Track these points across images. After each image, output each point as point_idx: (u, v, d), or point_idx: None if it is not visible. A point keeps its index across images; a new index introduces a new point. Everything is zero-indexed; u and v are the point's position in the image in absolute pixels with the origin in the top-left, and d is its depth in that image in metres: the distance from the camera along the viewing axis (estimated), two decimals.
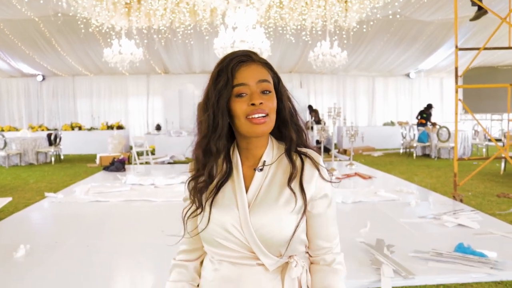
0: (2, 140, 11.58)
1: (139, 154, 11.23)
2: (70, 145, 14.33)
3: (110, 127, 15.45)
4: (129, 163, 10.83)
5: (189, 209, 1.21)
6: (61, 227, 4.78)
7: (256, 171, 1.19)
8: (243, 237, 1.13)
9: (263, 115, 1.12)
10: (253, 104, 1.10)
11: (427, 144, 12.49)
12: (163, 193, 6.79)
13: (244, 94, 1.12)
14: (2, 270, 3.55)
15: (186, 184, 1.24)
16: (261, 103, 1.11)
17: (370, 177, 8.15)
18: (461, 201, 5.80)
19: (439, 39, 14.22)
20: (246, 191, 1.16)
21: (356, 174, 8.60)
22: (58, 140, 12.65)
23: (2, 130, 13.89)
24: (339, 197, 6.14)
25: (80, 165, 11.47)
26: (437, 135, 11.90)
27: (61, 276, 3.28)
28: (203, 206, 1.16)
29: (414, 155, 12.65)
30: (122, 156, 10.42)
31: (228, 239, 1.14)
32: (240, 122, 1.13)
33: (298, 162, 1.20)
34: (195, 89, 16.29)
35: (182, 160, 12.07)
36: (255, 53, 1.18)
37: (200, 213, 1.17)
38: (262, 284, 1.16)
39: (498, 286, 3.15)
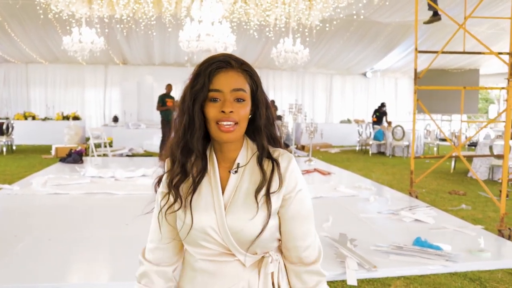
0: None
1: (97, 146, 10.97)
2: (23, 135, 13.77)
3: (66, 118, 15.00)
4: (87, 155, 10.58)
5: (166, 205, 1.21)
6: (20, 220, 4.67)
7: (231, 173, 1.21)
8: (220, 238, 1.16)
9: (231, 123, 1.13)
10: (223, 112, 1.12)
11: (383, 142, 12.92)
12: (124, 186, 6.74)
13: (217, 100, 1.14)
14: None
15: (164, 180, 1.25)
16: (231, 112, 1.12)
17: (329, 173, 8.34)
18: (416, 197, 6.10)
19: (395, 41, 14.72)
20: (222, 193, 1.19)
21: (315, 170, 8.77)
22: (10, 129, 12.16)
23: None
24: None
25: (35, 156, 11.07)
26: (392, 133, 12.32)
27: (22, 269, 3.21)
28: (182, 203, 1.18)
29: (370, 152, 13.05)
30: (79, 148, 10.18)
31: (207, 240, 1.17)
32: (210, 126, 1.15)
33: (269, 168, 1.20)
34: (154, 81, 16.07)
35: (141, 153, 11.92)
36: (236, 59, 1.19)
37: (178, 209, 1.18)
38: (239, 276, 1.20)
39: (453, 277, 3.36)
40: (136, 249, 1.39)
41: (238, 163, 1.22)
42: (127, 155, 11.33)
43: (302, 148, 13.77)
